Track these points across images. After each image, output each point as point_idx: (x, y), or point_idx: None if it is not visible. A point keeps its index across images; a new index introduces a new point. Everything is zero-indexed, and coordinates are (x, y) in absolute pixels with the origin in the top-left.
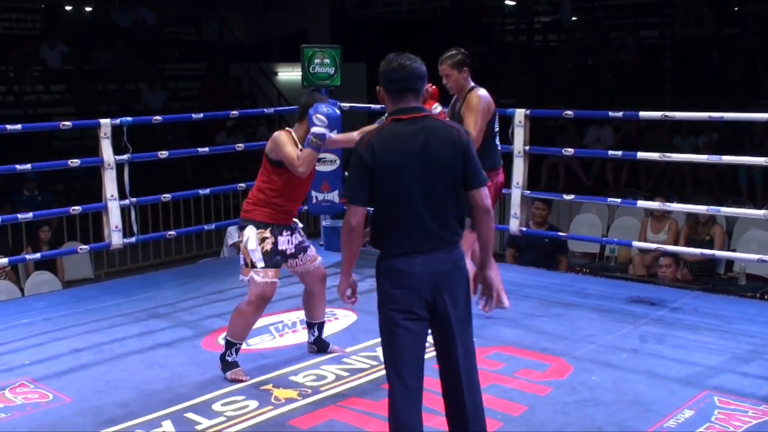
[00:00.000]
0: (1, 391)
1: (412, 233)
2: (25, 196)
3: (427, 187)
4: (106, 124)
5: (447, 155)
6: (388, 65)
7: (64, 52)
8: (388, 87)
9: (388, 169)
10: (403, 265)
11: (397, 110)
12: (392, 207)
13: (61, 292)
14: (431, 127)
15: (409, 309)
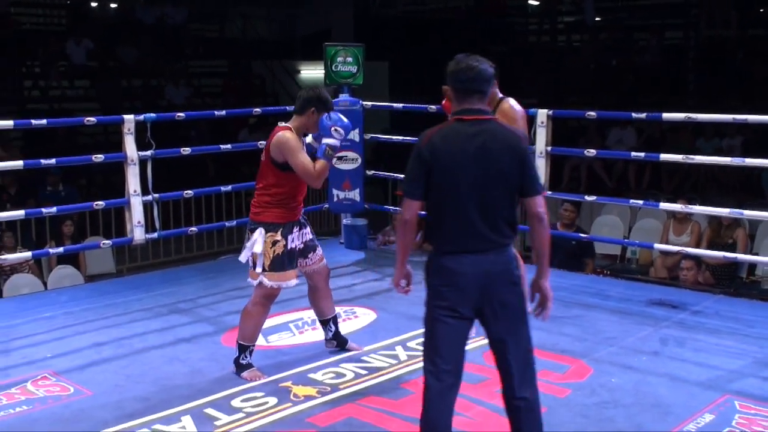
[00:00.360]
0: (24, 383)
1: (462, 233)
2: (48, 190)
3: (481, 188)
4: (130, 120)
5: (504, 159)
6: (456, 66)
7: (89, 48)
8: (456, 87)
9: (444, 166)
10: (452, 263)
11: (461, 110)
12: (445, 205)
13: (84, 286)
14: (492, 131)
15: (453, 307)
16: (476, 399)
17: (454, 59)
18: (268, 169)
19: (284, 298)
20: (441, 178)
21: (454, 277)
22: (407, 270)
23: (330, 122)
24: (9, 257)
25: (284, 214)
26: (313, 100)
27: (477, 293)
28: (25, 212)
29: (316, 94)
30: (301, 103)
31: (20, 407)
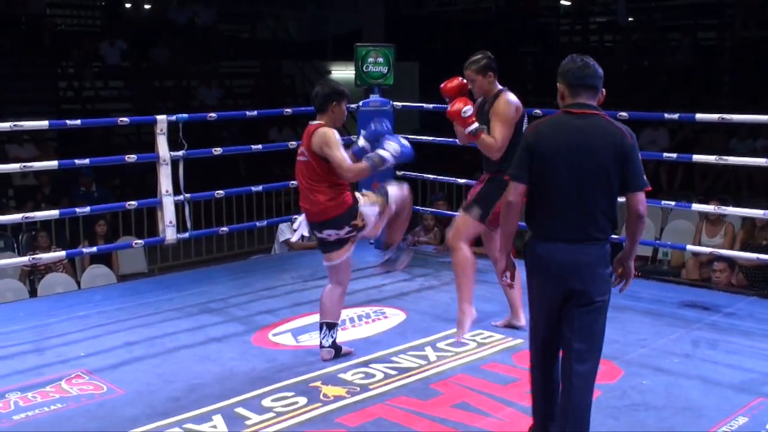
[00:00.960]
0: (58, 381)
1: (558, 220)
2: (82, 191)
3: (580, 180)
4: (163, 120)
5: (606, 154)
6: (572, 64)
7: (122, 49)
8: (571, 83)
9: (544, 154)
10: (543, 251)
11: (572, 104)
12: (544, 191)
13: (116, 285)
14: (597, 125)
15: (546, 295)
16: (506, 400)
17: (569, 57)
18: (319, 169)
19: (314, 298)
20: (541, 165)
21: (543, 263)
22: (512, 261)
23: (393, 140)
24: (44, 256)
25: (346, 192)
26: (331, 95)
27: (564, 281)
28: (59, 212)
29: (331, 88)
30: (321, 101)
31: (54, 405)
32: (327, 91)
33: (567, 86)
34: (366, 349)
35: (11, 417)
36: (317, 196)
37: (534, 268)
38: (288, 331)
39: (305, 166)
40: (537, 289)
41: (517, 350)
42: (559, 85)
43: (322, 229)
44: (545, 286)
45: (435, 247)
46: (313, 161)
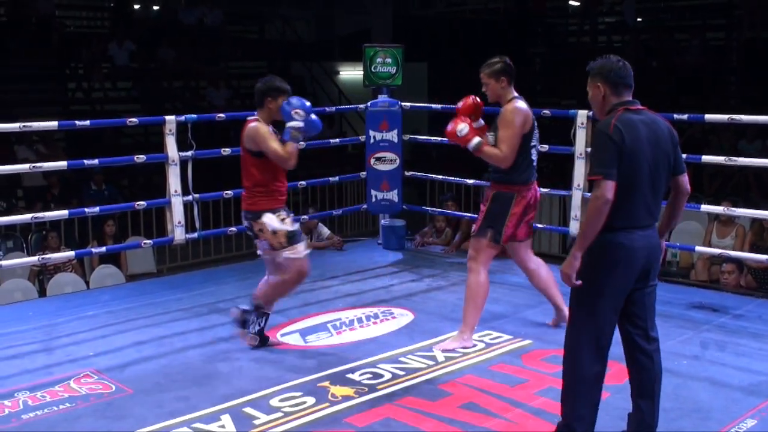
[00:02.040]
0: (67, 381)
1: (635, 209)
2: (93, 190)
3: (652, 169)
4: (171, 121)
5: (667, 143)
6: (613, 64)
7: (131, 50)
8: (615, 82)
9: (630, 150)
10: (624, 239)
11: (624, 102)
12: (627, 184)
13: (125, 285)
14: (654, 119)
15: (623, 281)
16: (514, 401)
17: (607, 59)
18: (248, 163)
19: (322, 299)
20: (626, 160)
21: (626, 251)
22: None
23: (290, 107)
24: (53, 256)
25: (277, 200)
26: (265, 90)
27: (642, 266)
28: (68, 212)
29: (266, 85)
30: (258, 97)
31: (63, 404)
32: (263, 87)
33: (611, 85)
34: (374, 350)
35: (20, 416)
36: (245, 183)
37: (614, 259)
38: (296, 331)
39: (242, 160)
40: (614, 280)
41: (525, 351)
42: (599, 85)
43: (245, 218)
44: (626, 276)
45: (443, 248)
46: (244, 154)
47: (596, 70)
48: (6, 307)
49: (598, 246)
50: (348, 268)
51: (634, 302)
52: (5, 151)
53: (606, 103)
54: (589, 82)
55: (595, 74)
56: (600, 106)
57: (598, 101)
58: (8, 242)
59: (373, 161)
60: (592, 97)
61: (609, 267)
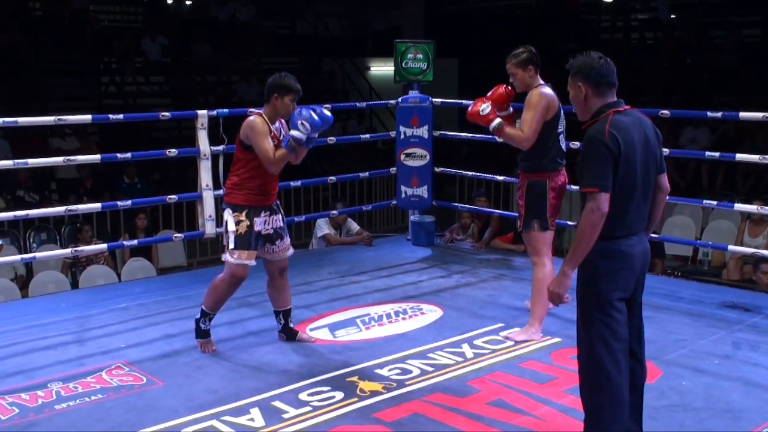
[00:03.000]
0: (98, 372)
1: (631, 216)
2: (125, 183)
3: (644, 172)
4: (203, 115)
5: (655, 144)
6: (596, 62)
7: (163, 45)
8: (599, 81)
9: (626, 156)
10: (624, 246)
11: (612, 104)
12: (622, 192)
13: (156, 278)
14: (641, 119)
15: (626, 288)
16: (543, 398)
17: (587, 57)
18: (238, 152)
19: (351, 294)
20: (622, 168)
21: (627, 259)
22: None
23: (299, 117)
24: (86, 249)
25: (249, 197)
26: (273, 87)
27: (639, 271)
28: (101, 205)
29: (275, 81)
30: (265, 92)
31: (95, 396)
32: (271, 83)
33: (593, 85)
34: (402, 346)
35: (53, 406)
36: (229, 178)
37: (616, 267)
38: (325, 326)
39: (236, 151)
40: (618, 286)
41: (554, 349)
42: (579, 84)
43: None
44: (629, 281)
45: (472, 244)
46: (237, 145)
47: (576, 69)
48: (39, 298)
49: (599, 255)
50: (377, 264)
51: (631, 305)
52: (40, 145)
53: (588, 104)
54: (569, 82)
55: (575, 73)
56: (582, 108)
57: (579, 102)
58: (42, 234)
59: (403, 157)
60: (573, 98)
61: (613, 274)
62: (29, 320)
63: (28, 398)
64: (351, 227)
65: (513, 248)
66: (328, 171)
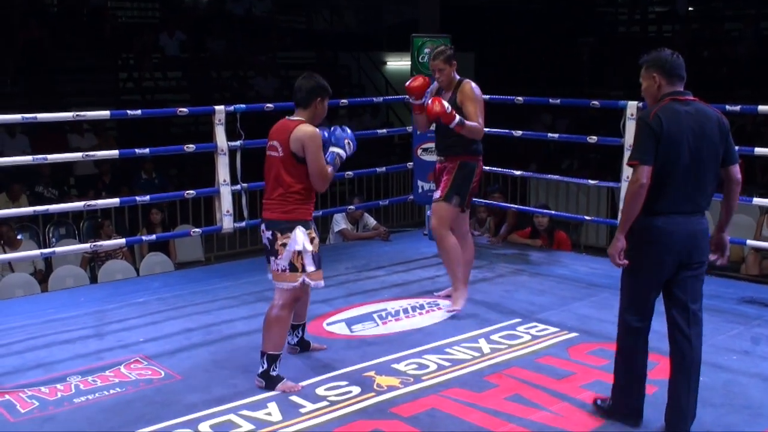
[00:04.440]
0: (117, 366)
1: (676, 196)
2: (143, 179)
3: (695, 158)
4: (221, 111)
5: (715, 134)
6: (668, 56)
7: (181, 40)
8: (670, 73)
9: (669, 138)
10: (662, 223)
11: (673, 92)
12: (664, 171)
13: (174, 273)
14: (702, 110)
15: (663, 265)
16: (561, 393)
17: (662, 52)
18: (289, 165)
19: (368, 289)
20: (665, 148)
21: (663, 236)
22: (624, 242)
23: (345, 134)
24: (105, 244)
25: (311, 211)
26: (317, 89)
27: (680, 251)
28: (120, 200)
29: (318, 83)
30: (306, 95)
31: (114, 389)
32: (313, 84)
33: (666, 76)
34: (419, 340)
35: (72, 400)
36: (275, 188)
37: (652, 240)
38: (342, 320)
39: (277, 161)
40: (653, 260)
41: (571, 344)
42: (654, 75)
43: (268, 228)
44: (663, 256)
45: (489, 239)
46: (284, 155)
47: (652, 62)
48: (59, 292)
49: (638, 228)
50: (394, 259)
51: (677, 285)
52: (59, 141)
53: (660, 93)
54: (643, 74)
55: (651, 65)
56: (655, 97)
57: (652, 92)
58: (61, 229)
59: (420, 152)
60: (647, 88)
61: (646, 247)
62: (49, 314)
63: (47, 392)
64: (368, 222)
65: (530, 243)
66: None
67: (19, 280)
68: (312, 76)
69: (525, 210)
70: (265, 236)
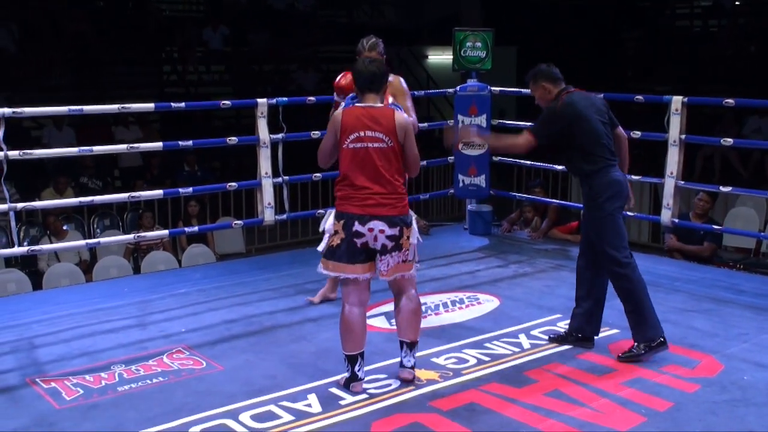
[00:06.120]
0: (160, 356)
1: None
2: (186, 171)
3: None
4: (263, 104)
5: (603, 107)
6: (549, 68)
7: (224, 34)
8: (557, 78)
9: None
10: (616, 173)
11: (565, 87)
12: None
13: (215, 264)
14: (587, 94)
15: (621, 204)
16: (601, 390)
17: (538, 67)
18: (400, 155)
19: None
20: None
21: (619, 183)
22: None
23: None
24: (148, 235)
25: None
26: (387, 73)
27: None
28: (163, 192)
29: (383, 67)
30: (382, 80)
31: (157, 378)
32: (384, 69)
33: (553, 82)
34: (459, 335)
35: (116, 388)
36: (388, 178)
37: (615, 188)
38: (382, 314)
39: (388, 152)
40: (618, 203)
41: (612, 340)
42: (545, 85)
43: (394, 224)
44: (622, 198)
45: (529, 234)
46: (397, 148)
47: (542, 74)
48: (103, 282)
49: (608, 180)
50: (434, 253)
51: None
52: (104, 133)
53: (557, 89)
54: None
55: (542, 77)
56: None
57: (546, 96)
58: (105, 220)
59: (461, 146)
60: (546, 92)
61: (611, 196)
62: (93, 304)
63: (92, 380)
64: None
65: (570, 238)
66: None
67: (64, 270)
68: (374, 61)
69: (567, 205)
70: (385, 235)
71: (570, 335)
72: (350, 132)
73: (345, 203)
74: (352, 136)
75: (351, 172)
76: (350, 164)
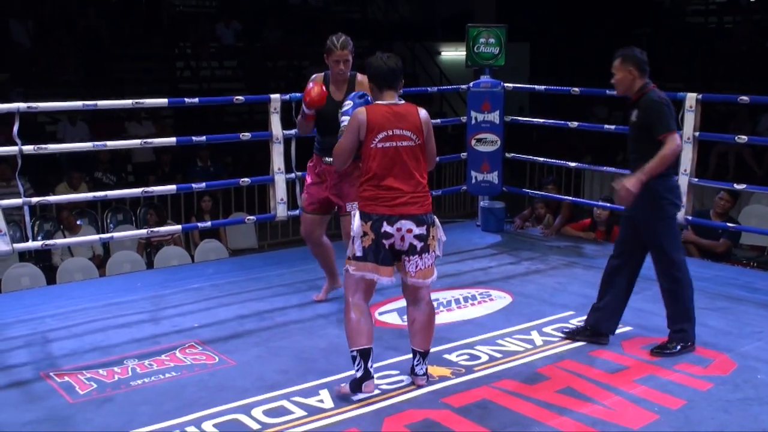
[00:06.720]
0: (173, 351)
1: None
2: (198, 166)
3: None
4: (276, 100)
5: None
6: (642, 56)
7: (237, 30)
8: (643, 69)
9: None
10: (675, 181)
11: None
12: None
13: (228, 260)
14: None
15: (678, 210)
16: (614, 387)
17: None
18: (425, 152)
19: None
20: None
21: (678, 189)
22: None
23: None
24: (161, 230)
25: None
26: (402, 69)
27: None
28: (176, 187)
29: (400, 62)
30: (400, 75)
31: (170, 373)
32: (401, 64)
33: (640, 70)
34: (471, 331)
35: (129, 383)
36: (416, 177)
37: (675, 193)
38: (394, 310)
39: (416, 150)
40: (677, 210)
41: (625, 338)
42: (632, 70)
43: (421, 223)
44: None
45: (542, 231)
46: (423, 145)
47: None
48: (116, 277)
49: (668, 185)
50: (446, 249)
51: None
52: (117, 128)
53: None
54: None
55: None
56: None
57: (627, 83)
58: (118, 215)
59: (474, 142)
60: (621, 79)
61: (675, 198)
62: (107, 298)
63: (105, 374)
64: None
65: (583, 236)
66: None
67: (78, 265)
68: (391, 56)
69: (580, 202)
70: (413, 234)
71: (585, 329)
72: (378, 131)
73: (372, 204)
74: (380, 135)
75: (380, 172)
76: (380, 164)
